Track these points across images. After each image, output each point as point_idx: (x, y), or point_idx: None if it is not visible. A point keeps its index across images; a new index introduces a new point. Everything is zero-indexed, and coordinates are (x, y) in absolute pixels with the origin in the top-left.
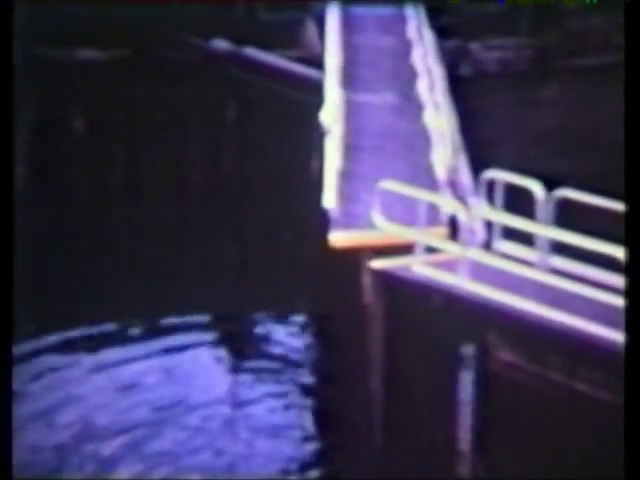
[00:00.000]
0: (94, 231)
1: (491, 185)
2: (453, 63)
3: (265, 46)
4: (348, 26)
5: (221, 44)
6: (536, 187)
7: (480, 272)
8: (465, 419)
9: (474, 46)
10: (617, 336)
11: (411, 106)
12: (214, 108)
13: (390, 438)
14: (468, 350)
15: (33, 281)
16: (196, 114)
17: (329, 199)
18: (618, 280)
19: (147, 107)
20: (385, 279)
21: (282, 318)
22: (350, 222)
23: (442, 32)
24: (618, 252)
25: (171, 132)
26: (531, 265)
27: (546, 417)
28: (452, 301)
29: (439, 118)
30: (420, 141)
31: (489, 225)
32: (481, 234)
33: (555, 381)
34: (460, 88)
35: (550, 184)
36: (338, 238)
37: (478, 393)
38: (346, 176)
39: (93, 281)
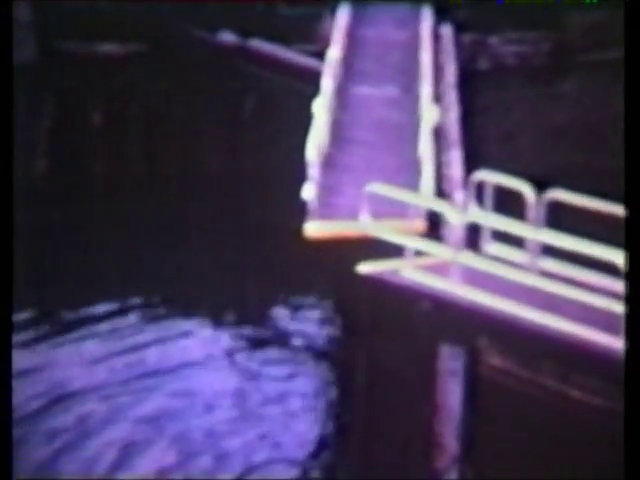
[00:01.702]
0: (110, 222)
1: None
2: (471, 57)
3: (283, 40)
4: (360, 20)
5: (228, 37)
6: (526, 189)
7: (470, 276)
8: (454, 425)
9: (492, 40)
10: (611, 341)
11: (410, 99)
12: (231, 102)
13: (374, 445)
14: (458, 355)
15: (49, 272)
16: (213, 108)
17: (308, 190)
18: (613, 284)
19: (164, 100)
20: (373, 283)
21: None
22: (328, 213)
23: (460, 26)
24: (612, 255)
25: (188, 126)
26: (521, 268)
27: (538, 423)
28: (441, 305)
29: (431, 112)
30: (413, 134)
31: (478, 227)
32: (460, 231)
33: (548, 387)
34: (478, 82)
35: (566, 179)
36: (312, 228)
37: (467, 398)
38: (333, 167)
39: (105, 271)
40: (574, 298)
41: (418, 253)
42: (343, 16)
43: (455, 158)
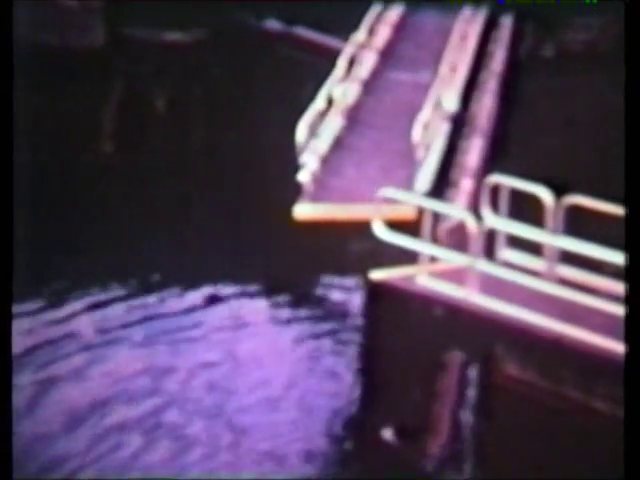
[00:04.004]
0: (172, 203)
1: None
2: (536, 44)
3: (341, 30)
4: (415, 8)
5: (273, 24)
6: (544, 193)
7: (486, 283)
8: (469, 435)
9: (558, 26)
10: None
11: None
12: (292, 87)
13: (386, 456)
14: (474, 364)
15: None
16: (273, 93)
17: (303, 172)
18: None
19: (226, 86)
20: (387, 290)
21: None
22: (324, 195)
23: (525, 13)
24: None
25: (248, 111)
26: (539, 275)
27: (559, 435)
28: (457, 313)
29: (447, 98)
30: None
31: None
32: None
33: (569, 398)
34: (543, 69)
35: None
36: (303, 210)
37: (484, 409)
38: (340, 150)
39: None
40: (595, 307)
41: (433, 259)
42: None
43: (475, 146)
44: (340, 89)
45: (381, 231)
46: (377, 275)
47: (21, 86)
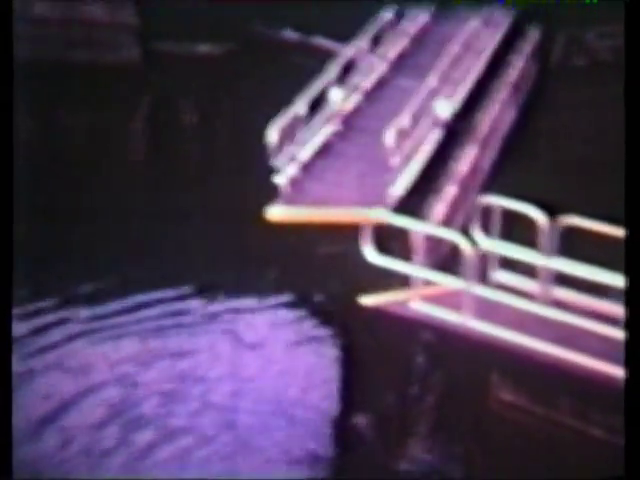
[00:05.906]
0: (198, 209)
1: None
2: (566, 53)
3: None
4: (440, 17)
5: (290, 34)
6: (537, 214)
7: (480, 306)
8: (463, 461)
9: (588, 35)
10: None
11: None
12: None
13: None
14: (467, 390)
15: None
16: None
17: (280, 176)
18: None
19: (254, 99)
20: (379, 315)
21: None
22: (300, 198)
23: (553, 22)
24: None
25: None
26: (533, 298)
27: (555, 462)
28: (451, 337)
29: (444, 105)
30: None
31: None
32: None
33: (565, 424)
34: (573, 78)
35: None
36: (275, 212)
37: (477, 435)
38: (326, 154)
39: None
40: (591, 329)
41: (426, 282)
42: (421, 12)
43: (469, 154)
44: (336, 93)
45: (372, 255)
46: (369, 300)
47: (52, 101)
